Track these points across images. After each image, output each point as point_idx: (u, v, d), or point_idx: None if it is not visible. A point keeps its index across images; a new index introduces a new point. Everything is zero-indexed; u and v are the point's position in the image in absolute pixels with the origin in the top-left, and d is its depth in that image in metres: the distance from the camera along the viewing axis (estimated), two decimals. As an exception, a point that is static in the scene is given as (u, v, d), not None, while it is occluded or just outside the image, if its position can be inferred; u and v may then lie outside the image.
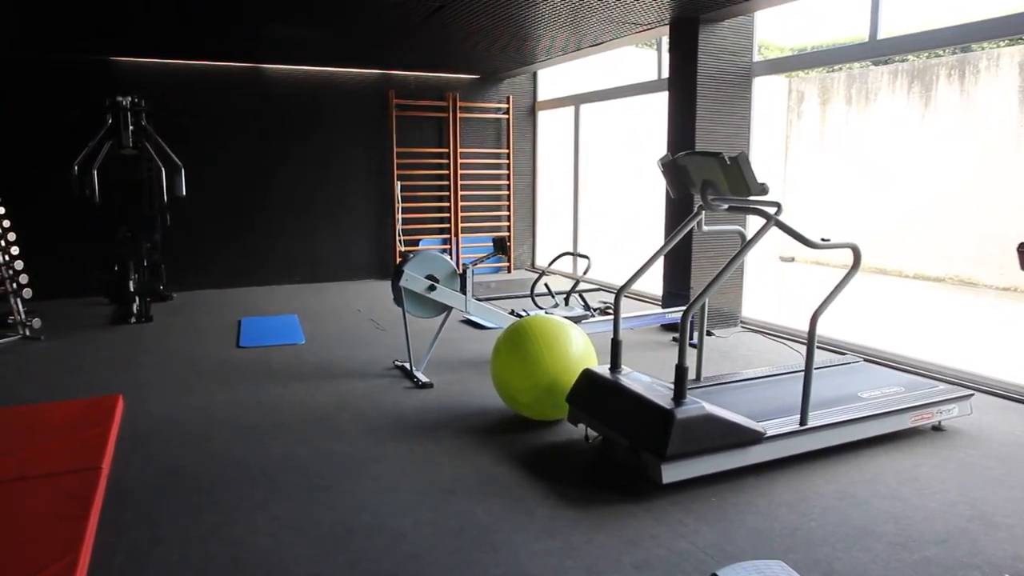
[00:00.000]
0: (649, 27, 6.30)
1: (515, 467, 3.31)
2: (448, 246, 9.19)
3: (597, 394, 3.47)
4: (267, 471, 3.26)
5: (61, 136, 7.27)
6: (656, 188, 11.02)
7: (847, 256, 3.39)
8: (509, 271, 9.48)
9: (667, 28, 6.18)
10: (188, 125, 7.83)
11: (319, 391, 4.42)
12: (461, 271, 4.75)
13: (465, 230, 9.26)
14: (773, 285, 8.94)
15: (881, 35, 4.97)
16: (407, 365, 4.87)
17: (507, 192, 9.44)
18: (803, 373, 3.33)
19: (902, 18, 5.23)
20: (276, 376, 4.75)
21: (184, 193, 6.79)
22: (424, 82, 8.87)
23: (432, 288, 4.63)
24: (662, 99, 7.61)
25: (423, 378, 4.57)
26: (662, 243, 6.42)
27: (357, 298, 7.68)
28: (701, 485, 3.10)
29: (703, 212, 3.61)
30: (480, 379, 4.68)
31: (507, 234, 9.53)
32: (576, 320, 5.07)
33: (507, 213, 9.47)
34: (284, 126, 8.28)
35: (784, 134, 11.81)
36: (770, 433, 3.22)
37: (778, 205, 3.25)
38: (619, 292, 3.58)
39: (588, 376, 3.56)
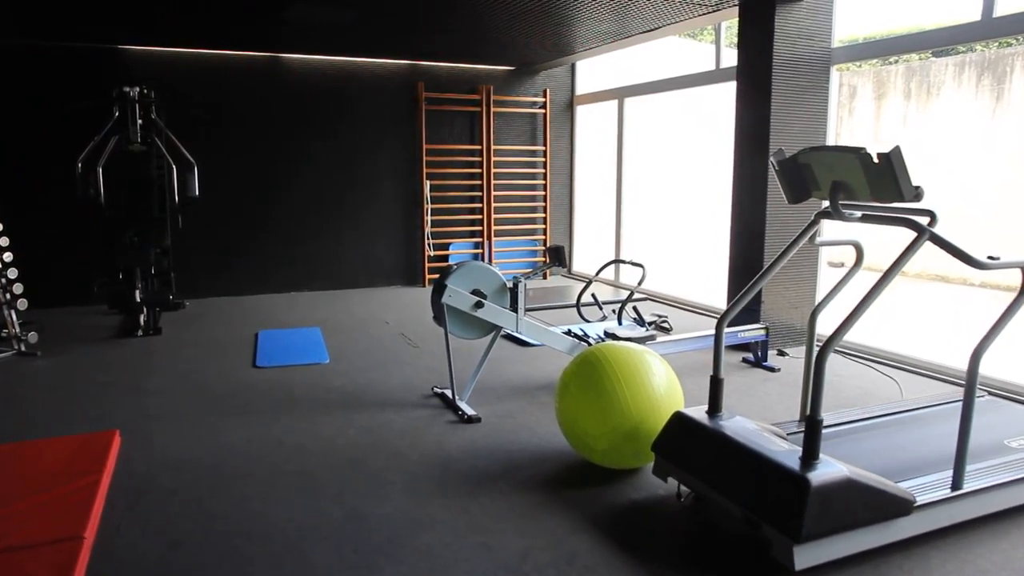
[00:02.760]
0: (715, 8, 5.63)
1: (596, 537, 2.67)
2: (480, 250, 8.55)
3: (694, 444, 2.82)
4: (289, 542, 2.63)
5: (63, 131, 6.71)
6: (711, 189, 10.33)
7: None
8: (545, 277, 8.83)
9: (735, 9, 5.52)
10: (202, 119, 7.25)
11: (349, 426, 3.80)
12: (512, 284, 4.11)
13: (498, 233, 8.62)
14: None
15: (998, 12, 4.28)
16: (448, 392, 4.24)
17: (543, 193, 8.79)
18: (959, 421, 2.65)
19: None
20: (298, 405, 4.13)
21: (197, 193, 6.20)
22: (456, 74, 8.23)
23: (479, 305, 3.99)
24: (714, 92, 6.99)
25: (469, 410, 3.94)
26: (728, 253, 5.80)
27: (384, 307, 7.06)
28: (838, 569, 2.44)
29: (821, 221, 2.94)
30: (533, 410, 4.04)
31: (548, 240, 8.88)
32: (641, 340, 4.41)
33: (543, 215, 8.82)
34: (305, 120, 7.68)
35: (834, 132, 11.06)
36: (920, 501, 2.55)
37: (932, 214, 2.59)
38: (721, 320, 2.92)
39: (681, 421, 2.91)
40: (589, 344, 4.32)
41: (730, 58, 6.58)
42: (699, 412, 2.94)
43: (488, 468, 3.26)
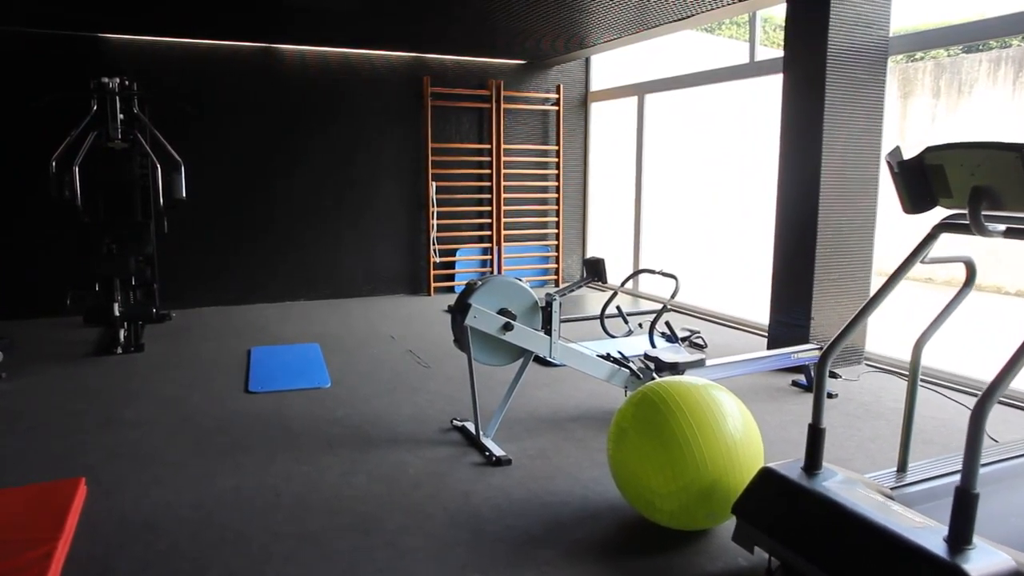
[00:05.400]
0: (758, -7, 5.11)
1: (675, 631, 2.12)
2: (489, 256, 8.00)
3: (790, 509, 2.28)
4: (291, 640, 2.08)
5: (35, 127, 6.12)
6: (740, 191, 9.79)
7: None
8: (557, 284, 8.29)
9: (781, -6, 5.00)
10: (190, 114, 6.67)
11: (356, 470, 3.24)
12: (545, 303, 3.57)
13: (508, 238, 8.07)
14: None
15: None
16: (470, 426, 3.69)
17: (556, 195, 8.25)
18: None
19: None
20: (297, 442, 3.58)
21: (184, 195, 5.63)
22: (463, 68, 7.68)
23: (508, 327, 3.45)
24: (743, 88, 6.51)
25: (496, 450, 3.39)
26: (772, 262, 5.27)
27: (388, 319, 6.50)
28: None
29: (940, 234, 2.41)
30: (569, 449, 3.50)
31: (560, 246, 8.33)
32: (689, 366, 3.87)
33: (556, 220, 8.27)
34: (302, 116, 7.12)
35: (889, 129, 10.56)
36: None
37: (1105, 228, 2.06)
38: (825, 356, 2.39)
39: (771, 480, 2.37)
40: (631, 369, 3.78)
41: (762, 51, 6.08)
42: (793, 469, 2.40)
43: (528, 529, 2.70)
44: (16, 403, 4.16)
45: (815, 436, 2.37)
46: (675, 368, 3.80)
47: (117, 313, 5.22)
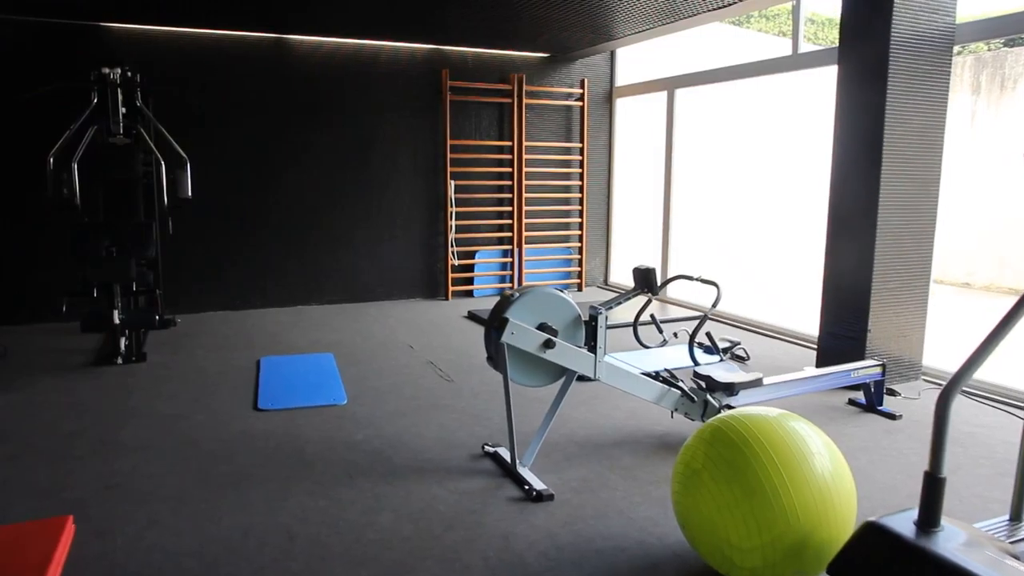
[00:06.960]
0: (810, -23, 4.71)
1: None
2: (509, 259, 7.63)
3: (905, 575, 1.90)
4: None
5: (32, 121, 5.79)
6: (780, 192, 9.35)
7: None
8: (580, 289, 7.91)
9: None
10: (195, 108, 6.33)
11: (380, 506, 2.87)
12: (589, 316, 3.19)
13: (530, 240, 7.70)
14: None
15: None
16: (501, 451, 3.33)
17: (580, 196, 7.87)
18: None
19: None
20: (312, 471, 3.21)
21: (190, 194, 5.28)
22: (484, 60, 7.31)
23: (550, 344, 3.07)
24: (778, 83, 6.14)
25: (536, 483, 3.01)
26: (821, 274, 4.85)
27: (405, 326, 6.14)
28: None
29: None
30: (616, 480, 3.12)
31: (584, 248, 7.94)
32: (745, 386, 3.49)
33: (579, 221, 7.89)
34: (313, 110, 6.76)
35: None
36: None
37: None
38: (947, 391, 2.00)
39: (879, 537, 1.99)
40: (682, 390, 3.40)
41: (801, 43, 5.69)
42: (905, 524, 2.01)
43: (582, 585, 2.33)
44: (2, 422, 3.81)
45: (933, 487, 1.98)
46: (731, 389, 3.43)
47: (117, 320, 4.86)
